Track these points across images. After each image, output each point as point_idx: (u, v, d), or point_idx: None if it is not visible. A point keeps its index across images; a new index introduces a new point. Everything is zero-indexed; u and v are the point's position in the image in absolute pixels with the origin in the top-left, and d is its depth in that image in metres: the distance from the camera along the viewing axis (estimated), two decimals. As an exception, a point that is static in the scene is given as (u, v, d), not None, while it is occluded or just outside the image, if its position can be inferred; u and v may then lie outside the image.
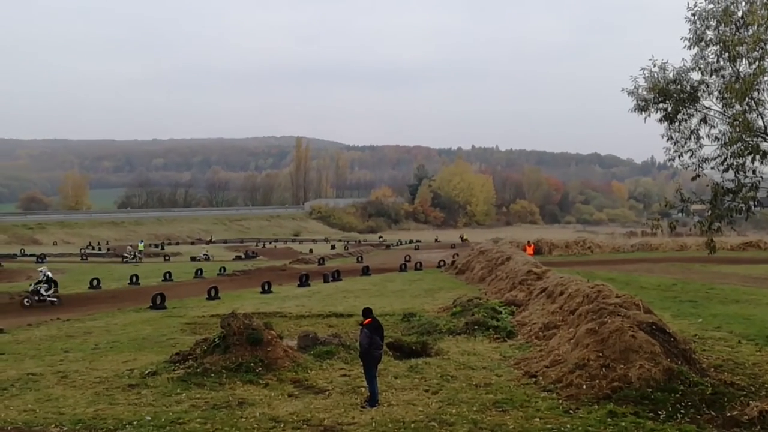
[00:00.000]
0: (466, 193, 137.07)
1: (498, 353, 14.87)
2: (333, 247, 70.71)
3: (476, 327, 17.11)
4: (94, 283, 31.79)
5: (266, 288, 29.20)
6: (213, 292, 27.16)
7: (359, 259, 52.17)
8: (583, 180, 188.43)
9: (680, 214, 13.58)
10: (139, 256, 55.53)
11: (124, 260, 52.50)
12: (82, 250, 64.04)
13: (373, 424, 10.06)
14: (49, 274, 26.84)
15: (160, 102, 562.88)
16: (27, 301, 25.92)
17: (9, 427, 10.14)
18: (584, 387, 11.20)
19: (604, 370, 11.36)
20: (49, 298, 26.20)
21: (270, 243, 78.59)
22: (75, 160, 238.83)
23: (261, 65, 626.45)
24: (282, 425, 10.05)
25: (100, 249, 68.99)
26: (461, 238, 76.94)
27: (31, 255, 56.26)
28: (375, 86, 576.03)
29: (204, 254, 55.78)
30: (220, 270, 40.45)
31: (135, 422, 10.21)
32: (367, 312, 11.39)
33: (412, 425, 10.00)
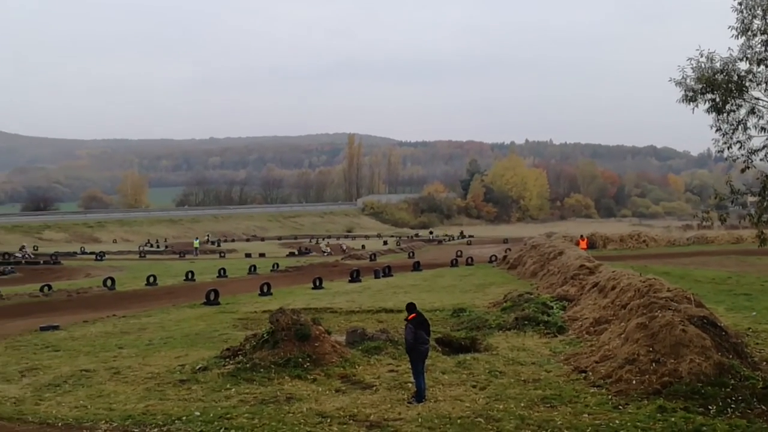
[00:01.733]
0: (519, 187, 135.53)
1: (548, 349, 14.64)
2: (385, 242, 70.82)
3: (526, 322, 16.87)
4: (151, 279, 32.57)
5: (318, 284, 29.44)
6: (265, 288, 27.51)
7: (410, 254, 52.17)
8: (639, 173, 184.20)
9: (733, 207, 13.14)
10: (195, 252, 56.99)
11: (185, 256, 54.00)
12: (141, 248, 65.76)
13: (420, 419, 9.97)
14: None
15: (216, 102, 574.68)
16: None
17: (59, 423, 10.34)
18: (634, 382, 10.97)
19: (654, 365, 11.11)
20: None
21: (323, 239, 79.23)
22: (134, 160, 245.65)
23: (312, 63, 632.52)
24: (329, 420, 10.05)
25: (158, 246, 70.70)
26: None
27: (91, 253, 58.08)
28: (427, 81, 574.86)
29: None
30: (273, 266, 41.00)
31: (184, 417, 10.34)
32: (410, 307, 11.31)
33: (459, 421, 9.88)
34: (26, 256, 48.85)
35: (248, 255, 54.82)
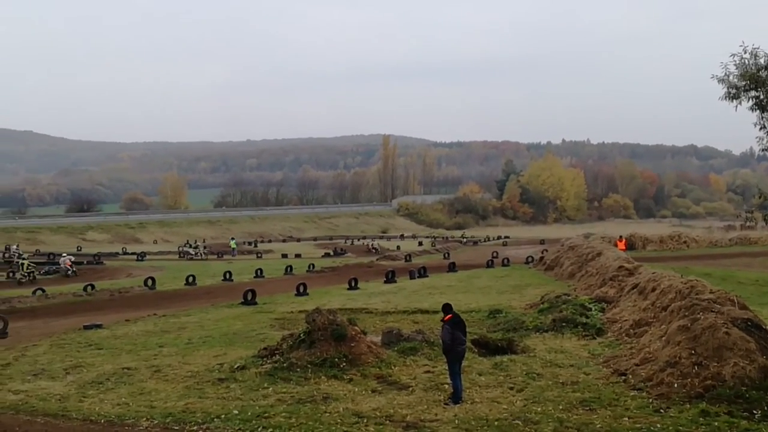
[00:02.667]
0: (555, 188, 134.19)
1: (586, 351, 14.46)
2: (420, 243, 70.74)
3: (564, 324, 16.68)
4: (190, 279, 33.04)
5: (353, 284, 29.53)
6: (302, 289, 27.69)
7: (446, 255, 52.00)
8: (679, 172, 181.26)
9: None
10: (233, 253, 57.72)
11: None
12: (180, 248, 66.74)
13: (456, 421, 9.95)
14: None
15: (252, 104, 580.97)
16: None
17: (102, 420, 10.54)
18: (675, 386, 10.77)
19: (696, 368, 10.89)
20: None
21: (358, 240, 79.46)
22: (174, 162, 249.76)
23: (347, 65, 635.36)
24: (365, 420, 10.08)
25: (196, 246, 71.60)
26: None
27: (132, 253, 59.17)
28: (461, 81, 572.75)
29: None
30: (309, 267, 41.26)
31: (223, 416, 10.47)
32: (447, 308, 11.25)
33: (496, 423, 9.82)
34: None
35: (284, 255, 55.27)
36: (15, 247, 54.12)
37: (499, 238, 78.53)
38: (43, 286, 31.03)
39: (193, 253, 57.13)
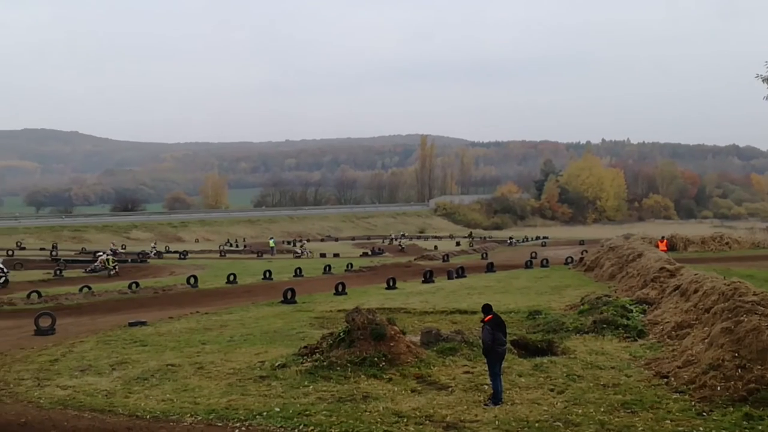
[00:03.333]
0: (595, 188, 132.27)
1: (627, 353, 14.28)
2: (458, 243, 70.50)
3: (605, 326, 16.48)
4: (231, 278, 33.45)
5: (391, 284, 29.59)
6: (340, 288, 27.84)
7: (484, 255, 51.74)
8: (721, 173, 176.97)
9: None
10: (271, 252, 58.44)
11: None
12: (221, 247, 67.67)
13: (497, 422, 9.93)
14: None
15: (291, 105, 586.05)
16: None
17: (147, 416, 10.75)
18: (718, 388, 10.61)
19: (739, 371, 10.70)
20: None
21: (395, 240, 79.51)
22: (215, 162, 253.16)
23: (385, 65, 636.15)
24: (405, 420, 10.12)
25: (237, 246, 72.59)
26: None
27: (174, 252, 60.19)
28: (500, 81, 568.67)
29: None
30: (347, 266, 41.46)
31: (264, 413, 10.59)
32: (487, 308, 11.22)
33: (536, 425, 9.79)
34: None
35: (323, 255, 55.62)
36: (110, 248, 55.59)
37: (537, 238, 77.84)
38: (89, 283, 31.77)
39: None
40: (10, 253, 55.13)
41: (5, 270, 34.99)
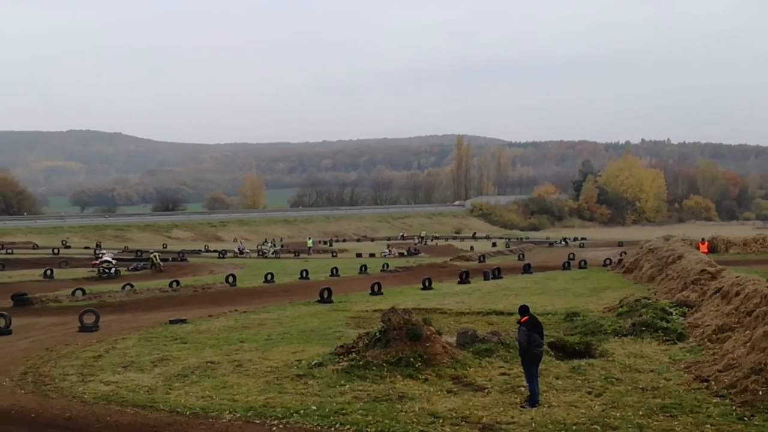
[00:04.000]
0: (634, 188, 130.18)
1: (667, 356, 14.08)
2: (494, 244, 70.05)
3: (644, 328, 16.26)
4: (269, 277, 33.81)
5: (427, 284, 29.58)
6: (376, 288, 27.92)
7: (520, 256, 51.38)
8: (764, 173, 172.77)
9: None
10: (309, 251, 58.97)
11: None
12: (259, 247, 68.38)
13: (533, 424, 9.88)
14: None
15: (328, 105, 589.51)
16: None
17: (188, 412, 10.93)
18: (760, 393, 10.39)
19: (782, 375, 10.46)
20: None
21: (431, 240, 79.43)
22: (253, 162, 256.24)
23: (421, 65, 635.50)
24: (441, 421, 10.11)
25: (274, 245, 73.25)
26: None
27: (214, 251, 61.04)
28: (536, 80, 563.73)
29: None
30: (382, 266, 41.56)
31: (302, 411, 10.68)
32: (523, 310, 11.15)
33: (574, 427, 9.72)
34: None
35: (359, 255, 55.82)
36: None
37: (575, 239, 76.98)
38: (131, 281, 32.43)
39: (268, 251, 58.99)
40: (55, 251, 56.64)
41: (113, 262, 39.49)
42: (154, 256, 43.04)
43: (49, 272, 37.56)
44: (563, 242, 72.22)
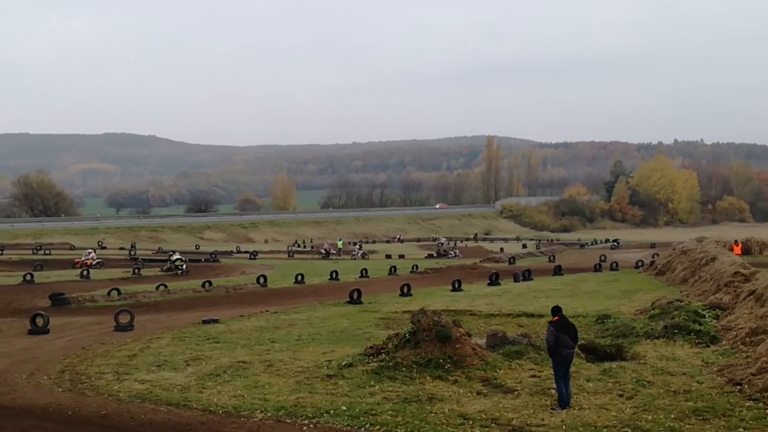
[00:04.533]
0: (667, 189, 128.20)
1: (699, 359, 13.91)
2: (524, 246, 69.64)
3: (676, 331, 16.06)
4: (299, 278, 34.09)
5: (457, 286, 29.54)
6: (405, 289, 27.95)
7: (551, 258, 50.96)
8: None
9: None
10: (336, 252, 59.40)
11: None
12: (289, 248, 68.93)
13: (564, 427, 9.83)
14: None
15: (358, 107, 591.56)
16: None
17: (220, 411, 11.08)
18: (794, 396, 10.21)
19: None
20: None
21: (461, 241, 79.24)
22: (284, 164, 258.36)
23: (450, 66, 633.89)
24: (471, 423, 10.12)
25: (304, 246, 73.78)
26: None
27: (245, 252, 61.67)
28: (566, 80, 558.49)
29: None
30: (412, 268, 41.59)
31: (332, 411, 10.76)
32: (555, 310, 11.13)
33: (605, 430, 9.66)
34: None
35: (388, 256, 55.91)
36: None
37: (607, 241, 76.17)
38: (165, 281, 32.93)
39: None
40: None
41: (183, 260, 43.16)
42: (178, 261, 42.94)
43: (85, 272, 38.30)
44: (615, 243, 70.05)
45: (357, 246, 65.66)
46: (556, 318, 10.96)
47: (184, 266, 41.44)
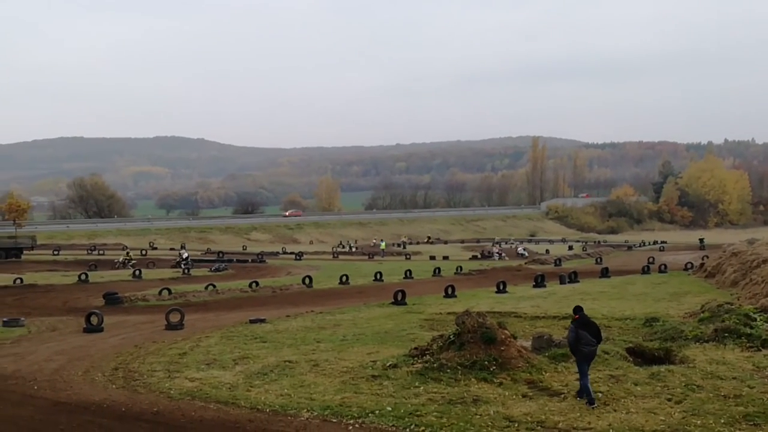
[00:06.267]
0: (717, 190, 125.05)
1: (751, 363, 13.60)
2: (570, 247, 68.80)
3: (726, 334, 15.73)
4: (344, 279, 34.37)
5: (501, 288, 29.39)
6: (450, 290, 27.93)
7: (598, 260, 50.25)
8: None
9: None
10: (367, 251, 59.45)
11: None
12: (334, 249, 69.40)
13: (611, 430, 9.76)
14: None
15: (402, 109, 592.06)
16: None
17: (267, 410, 11.25)
18: None
19: None
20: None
21: (506, 243, 78.66)
22: (328, 166, 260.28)
23: (495, 66, 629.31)
24: (516, 425, 10.10)
25: (349, 247, 74.20)
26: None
27: (291, 253, 62.37)
28: (613, 80, 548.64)
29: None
30: (456, 269, 41.51)
31: (377, 411, 10.83)
32: (576, 309, 11.71)
33: (652, 435, 9.58)
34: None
35: (432, 257, 55.87)
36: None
37: (655, 242, 74.69)
38: (213, 281, 33.59)
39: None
40: (143, 252, 59.21)
41: (190, 260, 44.56)
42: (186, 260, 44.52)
43: (137, 272, 39.29)
44: (663, 245, 68.55)
45: (401, 246, 65.66)
46: (577, 316, 11.44)
47: (189, 266, 42.73)
